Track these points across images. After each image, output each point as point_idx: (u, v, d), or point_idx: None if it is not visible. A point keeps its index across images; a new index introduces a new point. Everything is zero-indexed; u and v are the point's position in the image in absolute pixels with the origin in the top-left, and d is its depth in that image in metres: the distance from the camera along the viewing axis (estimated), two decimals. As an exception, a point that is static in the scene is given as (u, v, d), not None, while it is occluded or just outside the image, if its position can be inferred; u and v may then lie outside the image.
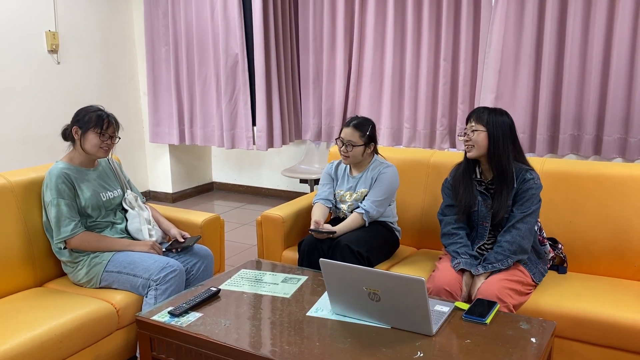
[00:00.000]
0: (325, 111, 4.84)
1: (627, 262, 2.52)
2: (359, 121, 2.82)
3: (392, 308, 1.87)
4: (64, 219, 2.44)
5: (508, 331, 1.87)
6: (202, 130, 5.21)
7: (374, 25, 4.44)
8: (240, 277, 2.37)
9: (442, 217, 2.54)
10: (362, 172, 2.86)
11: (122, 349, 2.40)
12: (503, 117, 2.38)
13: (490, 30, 3.97)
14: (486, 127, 2.35)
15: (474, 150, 2.38)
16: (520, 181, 2.35)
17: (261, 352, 1.79)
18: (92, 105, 2.59)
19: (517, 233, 2.31)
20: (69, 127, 2.56)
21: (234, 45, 4.84)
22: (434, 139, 4.42)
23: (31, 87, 4.47)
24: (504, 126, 2.35)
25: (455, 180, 2.50)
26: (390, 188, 2.80)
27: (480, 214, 2.44)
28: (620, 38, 3.61)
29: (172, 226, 2.76)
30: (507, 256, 2.29)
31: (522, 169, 2.37)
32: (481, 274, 2.30)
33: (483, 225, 2.45)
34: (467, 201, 2.43)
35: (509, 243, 2.30)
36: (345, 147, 2.79)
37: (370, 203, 2.76)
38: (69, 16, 4.68)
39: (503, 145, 2.34)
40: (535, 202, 2.34)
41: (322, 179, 2.99)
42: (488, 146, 2.35)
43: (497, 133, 2.34)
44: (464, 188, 2.44)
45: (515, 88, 4.01)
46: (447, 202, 2.54)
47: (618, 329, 2.13)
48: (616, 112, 3.71)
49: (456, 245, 2.42)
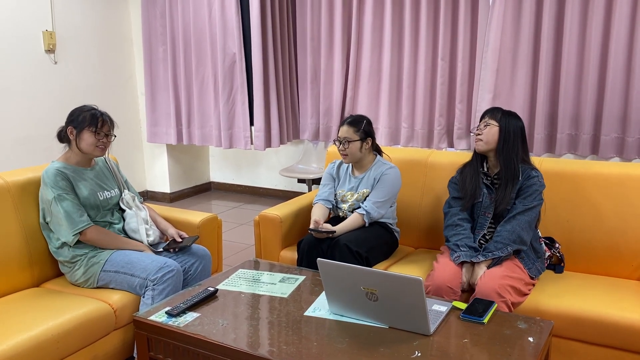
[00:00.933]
0: (323, 111, 4.84)
1: (624, 261, 2.52)
2: (353, 118, 2.86)
3: (389, 308, 1.86)
4: (74, 212, 2.43)
5: (506, 330, 1.88)
6: (199, 130, 5.21)
7: (372, 25, 4.44)
8: (238, 277, 2.37)
9: (447, 209, 2.59)
10: (364, 173, 2.86)
11: (119, 349, 2.40)
12: (517, 119, 2.50)
13: (488, 30, 3.97)
14: (499, 123, 2.45)
15: (484, 145, 2.47)
16: (525, 177, 2.43)
17: (259, 352, 1.79)
18: (85, 105, 2.58)
19: (517, 223, 2.36)
20: (64, 128, 2.55)
21: (232, 44, 4.83)
22: (432, 139, 4.42)
23: (28, 87, 4.46)
24: (516, 127, 2.47)
25: (462, 175, 2.58)
26: (392, 189, 2.81)
27: (484, 204, 2.49)
28: (617, 37, 3.62)
29: (170, 226, 2.76)
30: (506, 244, 2.34)
31: (528, 168, 2.46)
32: (482, 262, 2.35)
33: (485, 215, 2.49)
34: (472, 190, 2.50)
35: (508, 232, 2.35)
36: (342, 145, 2.80)
37: (371, 204, 2.76)
38: (66, 16, 4.67)
39: (513, 142, 2.44)
40: (537, 198, 2.41)
41: (323, 179, 2.99)
42: (498, 141, 2.45)
43: (509, 130, 2.44)
44: (471, 178, 2.53)
45: (512, 87, 4.01)
46: (453, 194, 2.60)
47: (616, 328, 2.13)
48: (614, 112, 3.71)
49: (458, 236, 2.46)
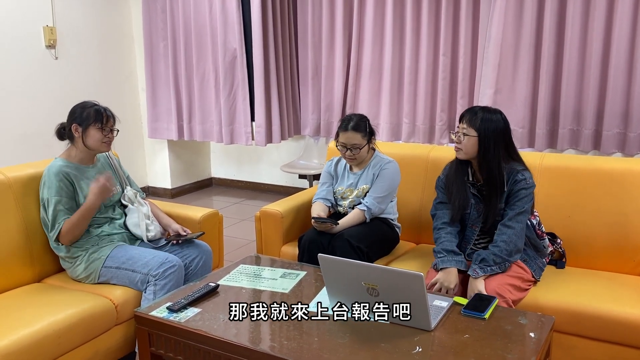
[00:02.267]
0: (324, 107, 4.83)
1: (626, 256, 2.52)
2: (355, 122, 2.76)
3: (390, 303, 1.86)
4: (59, 218, 2.43)
5: (507, 326, 1.87)
6: (200, 126, 5.20)
7: (373, 20, 4.43)
8: (239, 273, 2.37)
9: (434, 213, 2.53)
10: (363, 169, 2.85)
11: (120, 344, 2.40)
12: (497, 119, 2.31)
13: (490, 25, 3.96)
14: (477, 132, 2.29)
15: (464, 154, 2.36)
16: (511, 182, 2.32)
17: (260, 347, 1.79)
18: (86, 101, 2.57)
19: (513, 232, 2.28)
20: (67, 125, 2.53)
21: (233, 40, 4.82)
22: (433, 134, 4.41)
23: (29, 83, 4.45)
24: (496, 132, 2.29)
25: (448, 180, 2.48)
26: (392, 184, 2.80)
27: (472, 217, 2.43)
28: (619, 32, 3.60)
29: (173, 222, 2.76)
30: (505, 259, 2.26)
31: (514, 170, 2.33)
32: (480, 277, 2.25)
33: (472, 228, 2.44)
34: (460, 202, 2.41)
35: (506, 243, 2.27)
36: (350, 152, 2.75)
37: (372, 199, 2.75)
38: (66, 11, 4.66)
39: (494, 151, 2.30)
40: (527, 201, 2.32)
41: (322, 178, 2.97)
42: (478, 151, 2.32)
43: (489, 139, 2.29)
44: (457, 189, 2.42)
45: (514, 82, 4.00)
46: (440, 198, 2.52)
47: (617, 324, 2.13)
48: (616, 107, 3.70)
49: (437, 242, 2.42)
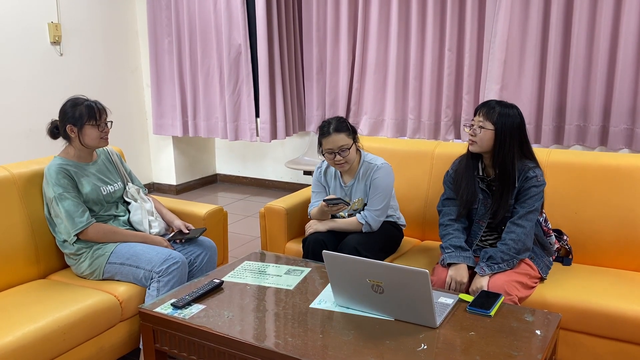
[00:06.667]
0: (329, 103, 4.82)
1: (633, 253, 2.50)
2: (335, 124, 2.62)
3: (395, 300, 1.86)
4: (75, 211, 2.42)
5: (513, 323, 1.86)
6: (205, 122, 5.20)
7: (378, 15, 4.41)
8: (244, 269, 2.36)
9: (441, 208, 2.51)
10: (353, 179, 2.73)
11: (125, 340, 2.40)
12: (514, 114, 2.30)
13: (496, 20, 3.93)
14: (495, 126, 2.28)
15: (478, 147, 2.34)
16: (522, 179, 2.30)
17: (264, 344, 1.78)
18: (76, 98, 2.52)
19: (522, 231, 2.27)
20: (60, 126, 2.50)
21: (237, 36, 4.81)
22: (439, 130, 4.39)
23: (34, 79, 4.46)
24: (513, 127, 2.28)
25: (457, 175, 2.46)
26: (387, 190, 2.68)
27: (479, 212, 2.41)
28: (627, 28, 3.57)
29: (176, 218, 2.75)
30: (513, 256, 2.25)
31: (526, 167, 2.31)
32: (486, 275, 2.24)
33: (479, 224, 2.43)
34: (468, 197, 2.39)
35: (514, 242, 2.26)
36: (339, 155, 2.60)
37: (371, 214, 2.65)
38: (71, 7, 4.66)
39: (509, 146, 2.28)
40: (538, 199, 2.30)
41: (313, 187, 2.85)
42: (493, 145, 2.30)
43: (505, 134, 2.27)
44: (466, 183, 2.40)
45: (520, 78, 3.97)
46: (447, 194, 2.50)
47: (623, 321, 2.11)
48: (623, 103, 3.67)
49: (444, 238, 2.40)
